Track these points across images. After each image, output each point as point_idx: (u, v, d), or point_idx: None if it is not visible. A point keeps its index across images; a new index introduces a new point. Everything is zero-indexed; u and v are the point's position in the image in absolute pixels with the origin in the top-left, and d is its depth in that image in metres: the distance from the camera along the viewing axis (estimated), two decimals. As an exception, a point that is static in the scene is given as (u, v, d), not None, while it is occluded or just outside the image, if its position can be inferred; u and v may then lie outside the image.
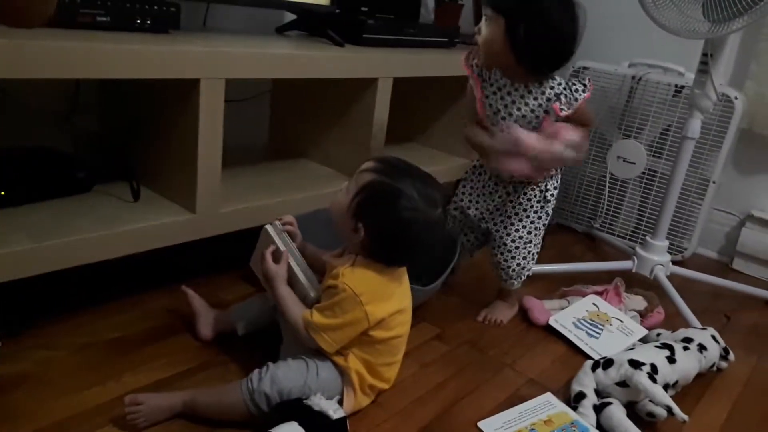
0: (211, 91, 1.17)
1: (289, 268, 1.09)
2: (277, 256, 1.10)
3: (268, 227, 1.14)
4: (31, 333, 1.17)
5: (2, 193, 1.12)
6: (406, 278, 1.12)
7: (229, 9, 1.64)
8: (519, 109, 1.29)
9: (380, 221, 1.02)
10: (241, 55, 1.21)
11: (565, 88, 1.28)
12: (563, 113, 1.27)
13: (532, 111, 1.29)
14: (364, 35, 1.59)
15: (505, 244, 1.40)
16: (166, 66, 1.09)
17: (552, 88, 1.28)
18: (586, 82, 1.30)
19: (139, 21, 1.18)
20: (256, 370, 1.02)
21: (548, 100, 1.27)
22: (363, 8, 1.82)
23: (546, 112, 1.28)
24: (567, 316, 1.49)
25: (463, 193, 1.48)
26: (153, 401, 0.99)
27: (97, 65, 1.00)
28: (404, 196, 1.00)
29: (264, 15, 1.71)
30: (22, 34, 0.96)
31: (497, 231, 1.41)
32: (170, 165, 1.27)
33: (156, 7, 1.20)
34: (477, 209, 1.45)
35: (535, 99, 1.28)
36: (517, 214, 1.39)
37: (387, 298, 1.05)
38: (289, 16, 1.68)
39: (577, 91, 1.28)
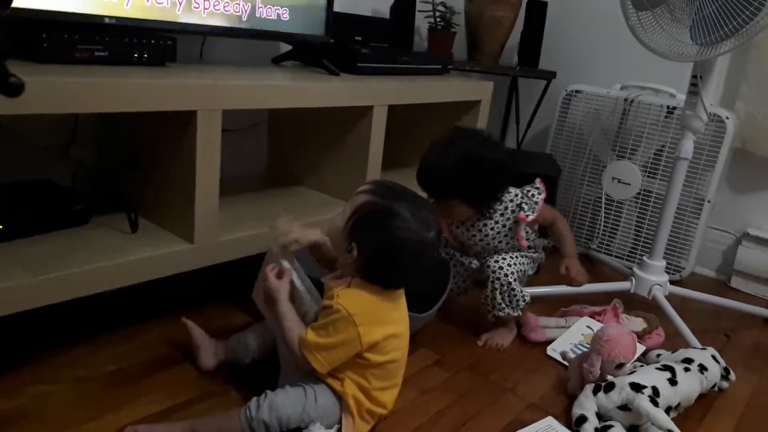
0: (208, 122, 1.18)
1: (292, 284, 1.10)
2: (279, 273, 1.11)
3: (273, 246, 1.15)
4: (28, 367, 1.16)
5: (0, 227, 1.12)
6: (403, 303, 1.12)
7: (225, 41, 1.66)
8: (490, 232, 1.44)
9: (373, 240, 1.02)
10: (237, 87, 1.23)
11: (522, 197, 1.42)
12: (529, 218, 1.42)
13: (504, 226, 1.44)
14: (358, 64, 1.62)
15: (506, 276, 1.41)
16: (164, 98, 1.10)
17: (511, 201, 1.42)
18: (537, 184, 1.45)
19: (136, 55, 1.20)
20: (255, 398, 1.02)
21: (512, 212, 1.43)
22: (357, 38, 1.85)
23: (515, 222, 1.43)
24: (563, 343, 1.49)
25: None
26: (153, 432, 0.99)
27: (96, 100, 1.02)
28: (398, 216, 1.01)
29: (260, 46, 1.74)
30: (23, 70, 0.97)
31: (494, 263, 1.42)
32: (168, 196, 1.28)
33: (153, 41, 1.22)
34: (479, 237, 1.48)
35: (502, 215, 1.43)
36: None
37: (382, 322, 1.05)
38: (285, 47, 1.70)
39: (533, 196, 1.43)
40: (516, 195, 1.43)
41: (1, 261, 1.06)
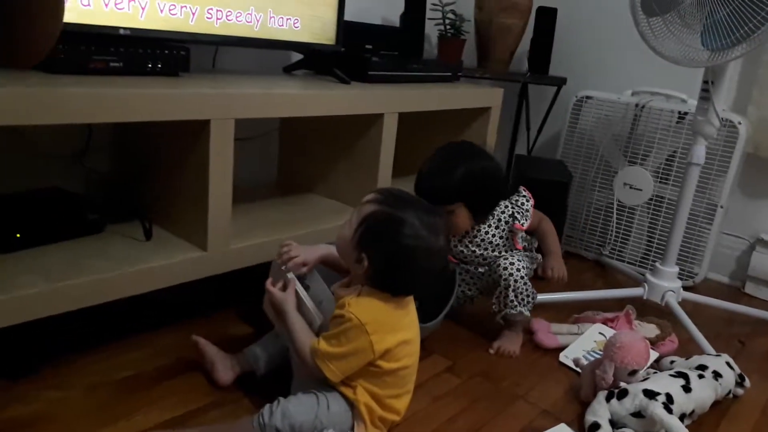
0: (221, 131, 1.20)
1: (297, 295, 1.11)
2: (284, 285, 1.11)
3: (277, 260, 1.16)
4: (44, 373, 1.17)
5: (17, 235, 1.14)
6: (413, 308, 1.12)
7: (238, 51, 1.68)
8: (488, 246, 1.47)
9: (383, 250, 1.02)
10: (249, 96, 1.24)
11: (513, 207, 1.46)
12: (525, 227, 1.46)
13: (500, 237, 1.47)
14: (369, 72, 1.63)
15: (518, 271, 1.42)
16: (177, 108, 1.12)
17: (503, 212, 1.46)
18: (522, 191, 1.49)
19: (150, 65, 1.21)
20: (267, 405, 1.02)
21: (506, 223, 1.47)
22: (367, 46, 1.87)
23: (511, 232, 1.47)
24: (576, 350, 1.48)
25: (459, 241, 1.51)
26: (167, 439, 1.00)
27: (111, 110, 1.03)
28: (406, 225, 1.01)
29: (271, 56, 1.75)
30: (39, 81, 0.99)
31: (504, 261, 1.42)
32: (181, 204, 1.29)
33: (166, 51, 1.23)
34: (479, 251, 1.49)
35: (497, 228, 1.47)
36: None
37: (393, 330, 1.05)
38: (296, 56, 1.72)
39: (523, 204, 1.47)
40: (506, 206, 1.48)
41: (18, 269, 1.07)
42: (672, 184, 2.01)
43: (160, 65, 1.23)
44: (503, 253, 1.47)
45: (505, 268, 1.42)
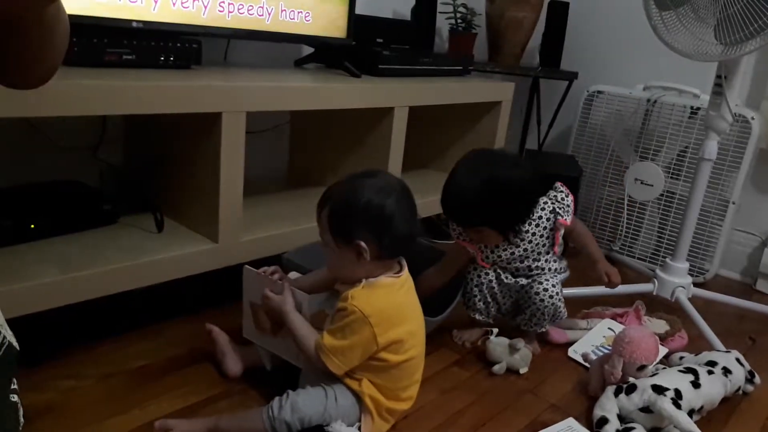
0: (232, 124, 1.20)
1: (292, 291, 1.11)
2: (277, 289, 1.11)
3: (246, 267, 1.16)
4: (57, 362, 1.19)
5: (32, 226, 1.16)
6: (416, 298, 1.12)
7: (249, 44, 1.69)
8: (528, 246, 1.39)
9: (368, 223, 1.03)
10: (261, 89, 1.25)
11: (553, 203, 1.39)
12: (568, 222, 1.40)
13: (542, 236, 1.40)
14: (380, 66, 1.63)
15: (546, 290, 1.38)
16: (189, 101, 1.13)
17: (543, 209, 1.39)
18: (559, 186, 1.42)
19: (162, 58, 1.22)
20: (277, 398, 1.03)
21: (548, 219, 1.39)
22: (378, 40, 1.87)
23: (553, 229, 1.40)
24: (585, 345, 1.48)
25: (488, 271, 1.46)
26: (181, 427, 1.02)
27: (124, 102, 1.04)
28: (364, 190, 1.03)
29: (282, 49, 1.76)
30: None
31: (538, 286, 1.39)
32: (193, 196, 1.30)
33: (179, 44, 1.24)
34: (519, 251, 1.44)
35: (537, 226, 1.39)
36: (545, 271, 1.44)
37: (397, 322, 1.05)
38: (307, 50, 1.72)
39: (563, 200, 1.40)
40: (545, 203, 1.39)
41: (32, 259, 1.09)
42: (683, 180, 2.00)
43: (172, 58, 1.24)
44: (541, 253, 1.41)
45: (537, 293, 1.38)
